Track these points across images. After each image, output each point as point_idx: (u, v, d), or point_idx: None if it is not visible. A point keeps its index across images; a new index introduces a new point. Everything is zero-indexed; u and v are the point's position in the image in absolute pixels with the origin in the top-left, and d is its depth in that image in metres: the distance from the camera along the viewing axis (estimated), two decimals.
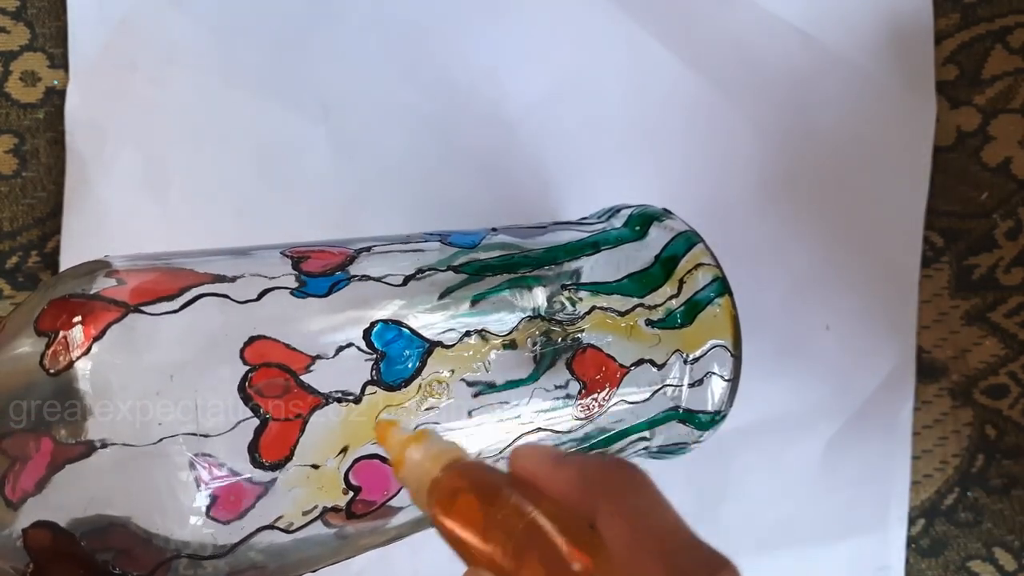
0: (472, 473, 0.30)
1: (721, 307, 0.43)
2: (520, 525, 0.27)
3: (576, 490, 0.28)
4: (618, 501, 0.27)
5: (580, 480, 0.28)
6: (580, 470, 0.28)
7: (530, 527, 0.27)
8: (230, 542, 0.33)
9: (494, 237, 0.43)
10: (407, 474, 0.31)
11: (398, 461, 0.31)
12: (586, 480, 0.28)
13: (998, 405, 0.59)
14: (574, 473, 0.28)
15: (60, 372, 0.31)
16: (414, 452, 0.31)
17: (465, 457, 0.31)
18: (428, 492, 0.30)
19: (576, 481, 0.28)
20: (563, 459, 0.29)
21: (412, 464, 0.31)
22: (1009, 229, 0.58)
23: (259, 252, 0.38)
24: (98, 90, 0.53)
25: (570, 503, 0.28)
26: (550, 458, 0.29)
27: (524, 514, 0.27)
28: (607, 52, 0.56)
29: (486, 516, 0.28)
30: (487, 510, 0.28)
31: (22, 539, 0.31)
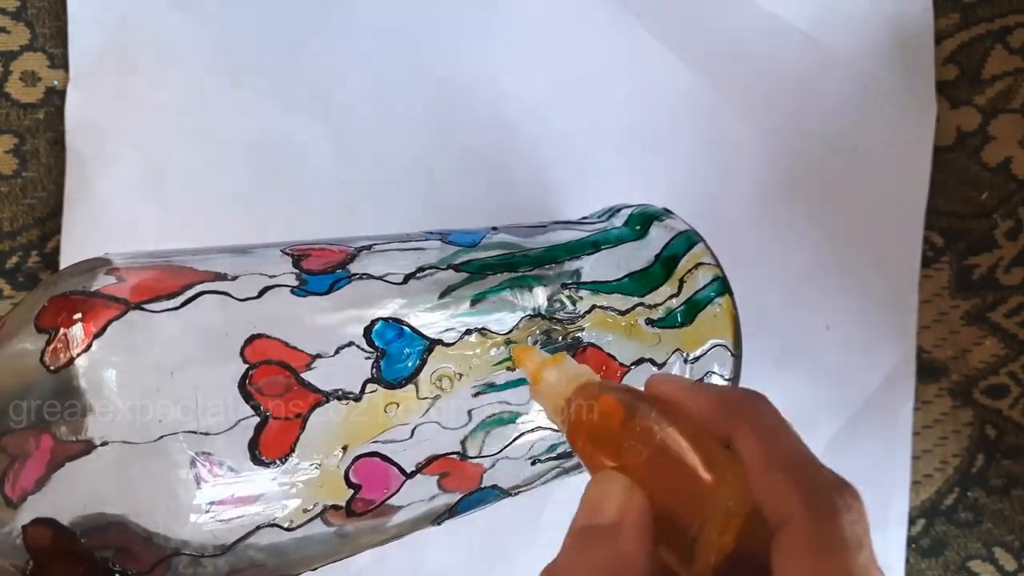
0: (613, 388, 0.32)
1: (721, 306, 0.43)
2: (658, 436, 0.29)
3: (714, 411, 0.30)
4: (752, 422, 0.29)
5: (717, 403, 0.30)
6: (718, 394, 0.31)
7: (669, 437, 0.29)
8: (230, 540, 0.33)
9: (494, 236, 0.43)
10: (542, 392, 0.34)
11: (535, 379, 0.34)
12: (724, 403, 0.30)
13: (998, 405, 0.59)
14: (712, 396, 0.30)
15: (60, 369, 0.31)
16: (551, 373, 0.34)
17: (597, 378, 0.33)
18: (564, 408, 0.32)
19: (714, 403, 0.30)
20: (701, 385, 0.31)
21: (548, 384, 0.34)
22: (1009, 229, 0.58)
23: (259, 250, 0.38)
24: (98, 90, 0.53)
25: (707, 422, 0.30)
26: (687, 383, 0.31)
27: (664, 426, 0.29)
28: (607, 52, 0.56)
29: (622, 428, 0.30)
30: (625, 421, 0.30)
31: (22, 537, 0.31)
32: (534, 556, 0.56)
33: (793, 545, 0.26)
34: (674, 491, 0.28)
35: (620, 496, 0.28)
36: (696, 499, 0.28)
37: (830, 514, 0.26)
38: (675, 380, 0.32)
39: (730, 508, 0.27)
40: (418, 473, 0.37)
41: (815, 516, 0.26)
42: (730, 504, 0.27)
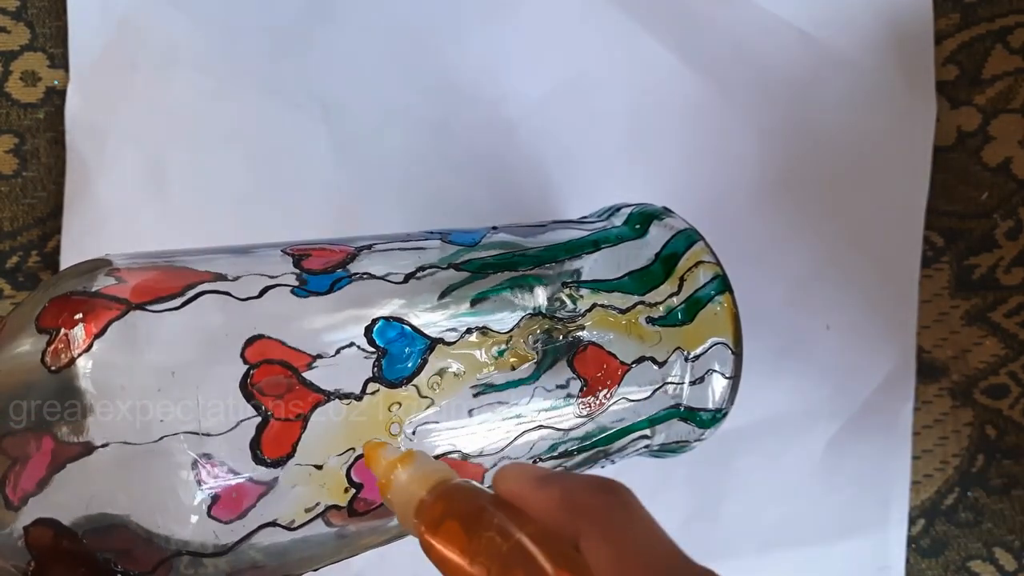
0: (457, 495, 0.30)
1: (722, 305, 0.43)
2: (504, 547, 0.27)
3: (560, 511, 0.28)
4: (602, 523, 0.27)
5: (563, 501, 0.28)
6: (563, 491, 0.28)
7: (514, 549, 0.27)
8: (231, 540, 0.33)
9: (494, 236, 0.43)
10: (394, 496, 0.31)
11: (385, 483, 0.32)
12: (569, 502, 0.28)
13: (998, 405, 0.59)
14: (557, 494, 0.28)
15: (61, 369, 0.31)
16: (401, 474, 0.31)
17: (452, 478, 0.31)
18: (415, 514, 0.30)
19: (559, 502, 0.28)
20: (547, 479, 0.29)
21: (399, 486, 0.31)
22: (1009, 229, 0.58)
23: (260, 250, 0.38)
24: (98, 90, 0.53)
25: (554, 525, 0.28)
26: (534, 478, 0.29)
27: (508, 536, 0.27)
28: (607, 52, 0.56)
29: (470, 539, 0.28)
30: (471, 533, 0.28)
31: (23, 538, 0.31)
32: None
33: None
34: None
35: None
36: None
37: None
38: (521, 474, 0.30)
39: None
40: None
41: None
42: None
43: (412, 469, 0.31)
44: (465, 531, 0.28)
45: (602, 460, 0.44)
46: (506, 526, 0.28)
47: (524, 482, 0.29)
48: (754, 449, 0.57)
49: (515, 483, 0.29)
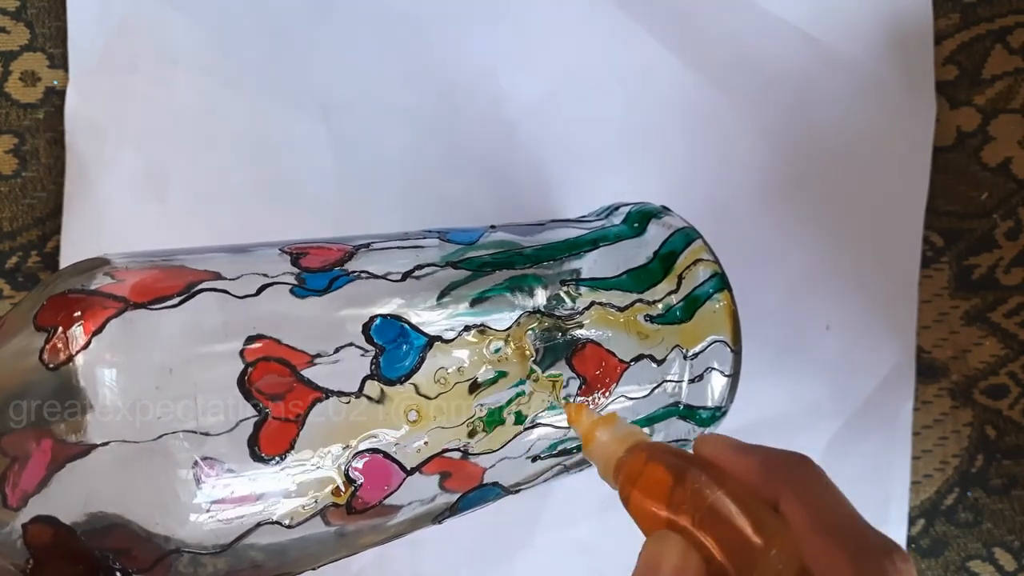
0: (662, 451, 0.33)
1: (720, 302, 0.43)
2: (708, 499, 0.30)
3: (760, 475, 0.31)
4: (800, 487, 0.30)
5: (764, 467, 0.31)
6: (764, 458, 0.31)
7: (719, 501, 0.30)
8: (230, 539, 0.33)
9: (493, 234, 0.43)
10: (594, 451, 0.35)
11: (588, 439, 0.35)
12: (769, 467, 0.31)
13: (998, 405, 0.59)
14: (758, 460, 0.31)
15: (59, 367, 0.31)
16: (602, 433, 0.35)
17: (647, 439, 0.34)
18: (615, 468, 0.34)
19: (760, 467, 0.31)
20: (747, 447, 0.32)
21: (600, 443, 0.35)
22: (1009, 229, 0.58)
23: (258, 249, 0.38)
24: (98, 90, 0.53)
25: (753, 485, 0.30)
26: (735, 445, 0.32)
27: (713, 490, 0.30)
28: (607, 52, 0.56)
29: (672, 491, 0.31)
30: (675, 485, 0.31)
31: (22, 536, 0.31)
32: (534, 556, 0.57)
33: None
34: (726, 554, 0.29)
35: (676, 557, 0.29)
36: (748, 560, 0.28)
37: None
38: (721, 441, 0.33)
39: (780, 571, 0.28)
40: (418, 471, 0.37)
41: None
42: (780, 567, 0.28)
43: (613, 429, 0.35)
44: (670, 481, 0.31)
45: None
46: (709, 481, 0.30)
47: (725, 447, 0.32)
48: None
49: (716, 447, 0.32)
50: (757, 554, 0.28)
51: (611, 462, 0.34)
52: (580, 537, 0.57)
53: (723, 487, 0.30)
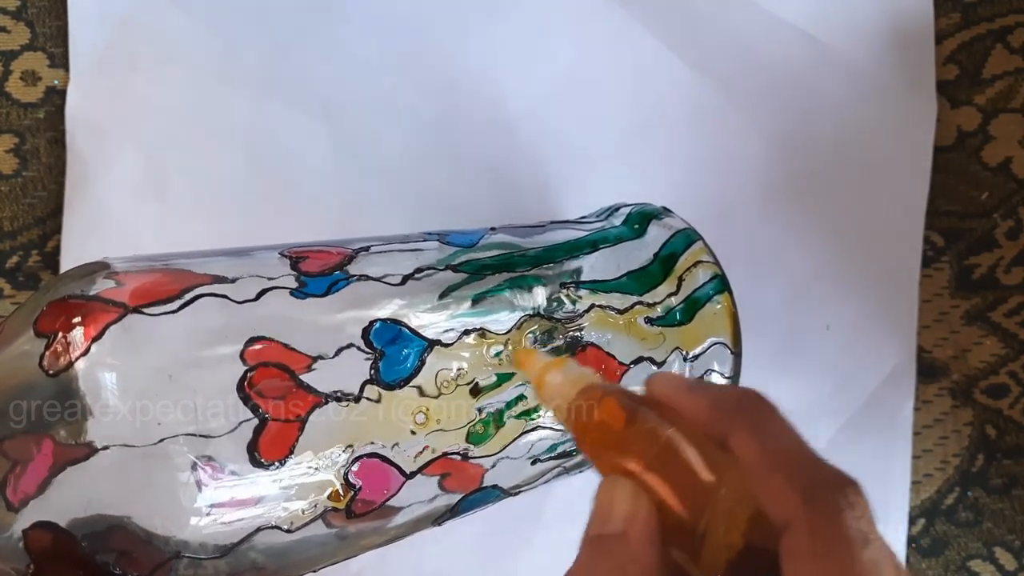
0: (614, 391, 0.32)
1: (720, 304, 0.43)
2: (661, 439, 0.29)
3: (709, 412, 0.30)
4: (750, 422, 0.29)
5: (713, 404, 0.30)
6: (714, 395, 0.30)
7: (669, 441, 0.29)
8: (230, 542, 0.33)
9: (493, 236, 0.43)
10: (546, 395, 0.35)
11: (539, 383, 0.35)
12: (719, 404, 0.30)
13: (998, 405, 0.59)
14: (708, 397, 0.30)
15: (59, 373, 0.31)
16: (554, 376, 0.34)
17: (599, 381, 0.34)
18: (567, 411, 0.33)
19: (710, 405, 0.30)
20: (696, 386, 0.31)
21: (552, 386, 0.34)
22: (1009, 229, 0.58)
23: (258, 253, 0.38)
24: (99, 90, 0.53)
25: (703, 425, 0.30)
26: (684, 384, 0.31)
27: (663, 429, 0.29)
28: (607, 52, 0.56)
29: (625, 430, 0.30)
30: (628, 425, 0.30)
31: (23, 540, 0.31)
32: (534, 556, 0.57)
33: (796, 548, 0.26)
34: (679, 492, 0.28)
35: (627, 503, 0.29)
36: (699, 500, 0.28)
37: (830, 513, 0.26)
38: (672, 380, 0.32)
39: (732, 508, 0.28)
40: (418, 474, 0.37)
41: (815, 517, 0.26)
42: (731, 505, 0.28)
43: (564, 371, 0.34)
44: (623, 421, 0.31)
45: None
46: (660, 421, 0.30)
47: (675, 387, 0.31)
48: None
49: (666, 386, 0.31)
50: (709, 491, 0.28)
51: (564, 404, 0.33)
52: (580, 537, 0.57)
53: (674, 425, 0.30)
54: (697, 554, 0.28)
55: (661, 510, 0.29)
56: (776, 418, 0.30)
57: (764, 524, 0.27)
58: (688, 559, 0.28)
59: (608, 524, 0.29)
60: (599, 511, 0.30)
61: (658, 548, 0.28)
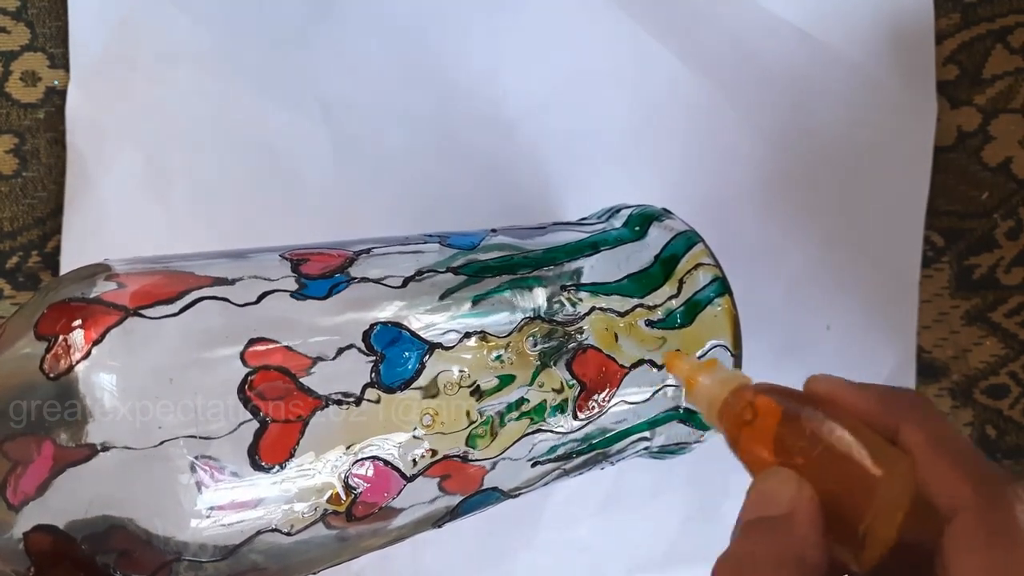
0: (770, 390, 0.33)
1: (721, 307, 0.43)
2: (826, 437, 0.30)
3: (878, 407, 0.31)
4: (919, 419, 0.30)
5: (882, 399, 0.31)
6: (881, 393, 0.31)
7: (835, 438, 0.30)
8: (231, 544, 0.33)
9: (493, 238, 0.43)
10: (697, 395, 0.35)
11: (690, 384, 0.35)
12: (887, 399, 0.31)
13: (998, 405, 0.59)
14: (876, 393, 0.31)
15: (60, 376, 0.31)
16: (705, 377, 0.35)
17: (750, 381, 0.34)
18: (719, 410, 0.33)
19: (878, 400, 0.31)
20: (860, 384, 0.32)
21: (703, 387, 0.35)
22: (1010, 229, 0.58)
23: (258, 255, 0.38)
24: (99, 90, 0.53)
25: (870, 418, 0.30)
26: (847, 382, 0.32)
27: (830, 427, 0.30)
28: (607, 52, 0.56)
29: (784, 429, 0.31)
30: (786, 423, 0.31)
31: (23, 543, 0.31)
32: (534, 556, 0.57)
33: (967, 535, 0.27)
34: (840, 486, 0.29)
35: (791, 489, 0.29)
36: (863, 493, 0.28)
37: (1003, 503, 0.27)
38: (835, 379, 0.32)
39: (897, 499, 0.28)
40: (419, 476, 0.37)
41: (988, 505, 0.27)
42: (898, 495, 0.28)
43: (715, 373, 0.35)
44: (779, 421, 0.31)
45: (602, 462, 0.44)
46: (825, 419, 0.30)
47: (840, 384, 0.32)
48: None
49: (831, 384, 0.32)
50: (874, 484, 0.28)
51: (715, 404, 0.34)
52: (580, 537, 0.57)
53: (838, 420, 0.30)
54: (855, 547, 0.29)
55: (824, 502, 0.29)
56: (943, 417, 0.31)
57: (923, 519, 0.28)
58: (849, 552, 0.29)
59: (771, 507, 0.29)
60: (759, 496, 0.30)
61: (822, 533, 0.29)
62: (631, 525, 0.57)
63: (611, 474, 0.56)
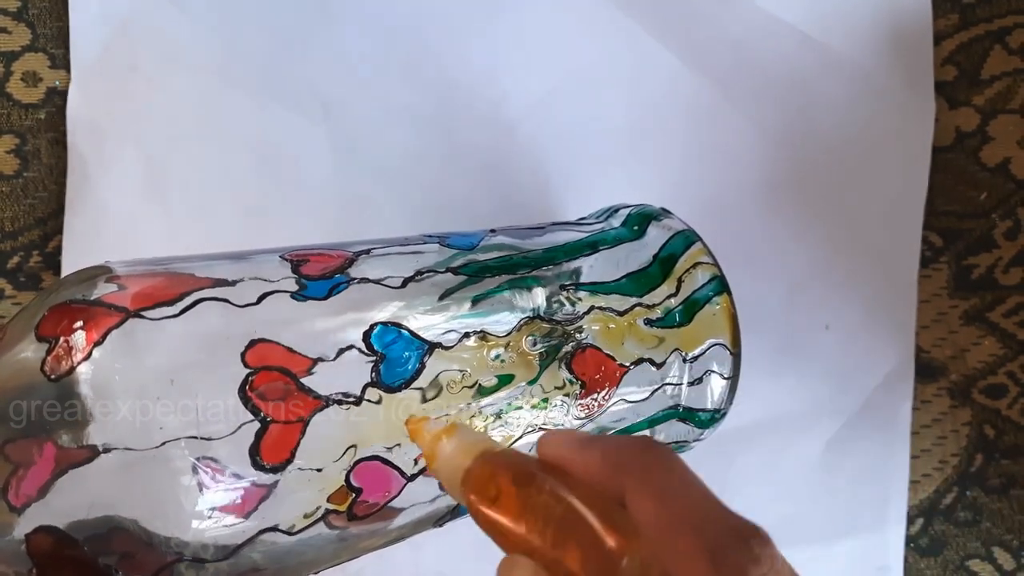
0: (505, 461, 0.31)
1: (720, 305, 0.43)
2: (559, 510, 0.28)
3: (603, 472, 0.29)
4: (644, 480, 0.28)
5: (606, 461, 0.29)
6: (604, 452, 0.29)
7: (568, 511, 0.28)
8: (232, 545, 0.33)
9: (492, 238, 0.43)
10: (440, 466, 0.32)
11: (431, 455, 0.32)
12: (611, 461, 0.29)
13: (997, 405, 0.59)
14: (599, 455, 0.29)
15: (61, 378, 0.31)
16: (446, 445, 0.32)
17: (495, 447, 0.31)
18: (461, 482, 0.31)
19: (601, 463, 0.29)
20: (589, 441, 0.30)
21: (445, 457, 0.32)
22: (1008, 229, 0.58)
23: (258, 256, 0.38)
24: (99, 90, 0.53)
25: (599, 485, 0.29)
26: (576, 442, 0.30)
27: (561, 499, 0.28)
28: (607, 52, 0.56)
29: (521, 503, 0.29)
30: (523, 497, 0.29)
31: (25, 544, 0.31)
32: None
33: None
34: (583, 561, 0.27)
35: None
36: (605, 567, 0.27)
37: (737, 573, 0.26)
38: (564, 438, 0.30)
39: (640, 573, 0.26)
40: (419, 476, 0.37)
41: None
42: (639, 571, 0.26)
43: (457, 440, 0.32)
44: (517, 494, 0.29)
45: None
46: (557, 488, 0.28)
47: (567, 446, 0.30)
48: (754, 449, 0.57)
49: (558, 447, 0.30)
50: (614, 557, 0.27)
51: (457, 474, 0.31)
52: None
53: (571, 490, 0.28)
54: None
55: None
56: (672, 467, 0.28)
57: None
58: None
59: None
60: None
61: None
62: None
63: None
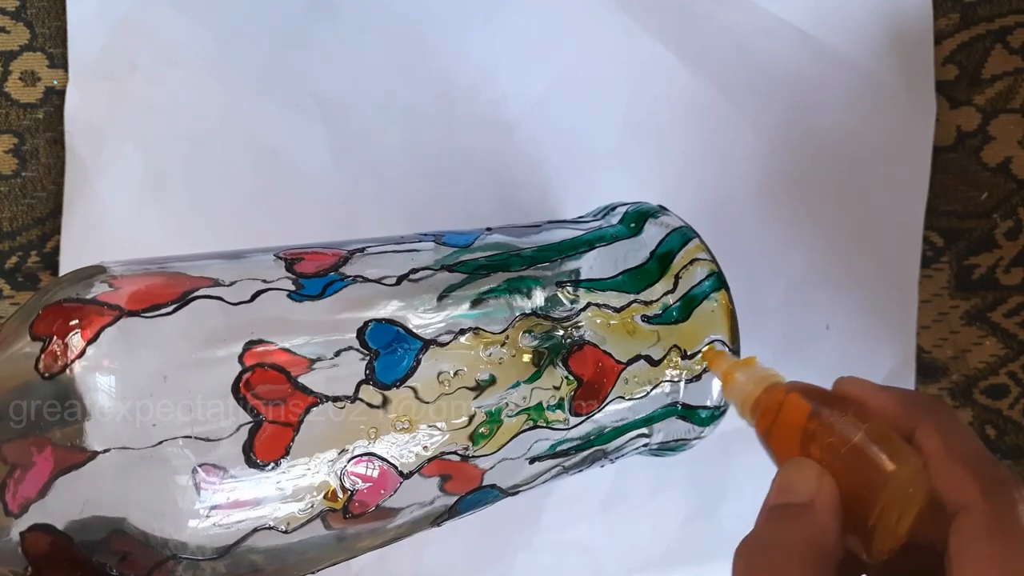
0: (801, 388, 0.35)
1: (717, 302, 0.43)
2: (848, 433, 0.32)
3: (897, 408, 0.33)
4: (935, 418, 0.32)
5: (901, 401, 0.33)
6: (903, 395, 0.34)
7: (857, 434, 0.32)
8: (228, 543, 0.33)
9: (488, 237, 0.43)
10: (732, 391, 0.38)
11: (727, 380, 0.38)
12: (906, 402, 0.33)
13: (998, 405, 0.59)
14: (896, 396, 0.33)
15: (55, 376, 0.31)
16: (741, 374, 0.37)
17: (782, 381, 0.36)
18: (751, 408, 0.36)
19: (897, 402, 0.33)
20: (885, 387, 0.34)
21: (738, 383, 0.37)
22: (1009, 229, 0.58)
23: (253, 255, 0.38)
24: (98, 90, 0.53)
25: (890, 419, 0.33)
26: (872, 384, 0.34)
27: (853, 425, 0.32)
28: (606, 52, 0.56)
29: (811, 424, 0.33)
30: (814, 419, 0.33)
31: (21, 543, 0.31)
32: (534, 556, 0.57)
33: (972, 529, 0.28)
34: (858, 480, 0.31)
35: (813, 479, 0.31)
36: (878, 488, 0.30)
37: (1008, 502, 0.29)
38: (861, 381, 0.35)
39: (910, 495, 0.30)
40: (416, 474, 0.37)
41: (994, 504, 0.29)
42: (910, 491, 0.30)
43: (750, 372, 0.37)
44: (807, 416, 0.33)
45: (601, 459, 0.44)
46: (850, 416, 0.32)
47: (864, 384, 0.34)
48: (754, 449, 0.57)
49: (859, 385, 0.35)
50: (889, 480, 0.30)
51: (748, 400, 0.36)
52: (580, 537, 0.57)
53: (860, 418, 0.32)
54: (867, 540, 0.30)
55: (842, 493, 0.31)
56: (958, 420, 0.33)
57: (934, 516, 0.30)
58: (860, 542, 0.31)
59: (793, 495, 0.31)
60: (783, 484, 0.32)
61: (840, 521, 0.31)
62: (630, 525, 0.57)
63: (610, 474, 0.56)
